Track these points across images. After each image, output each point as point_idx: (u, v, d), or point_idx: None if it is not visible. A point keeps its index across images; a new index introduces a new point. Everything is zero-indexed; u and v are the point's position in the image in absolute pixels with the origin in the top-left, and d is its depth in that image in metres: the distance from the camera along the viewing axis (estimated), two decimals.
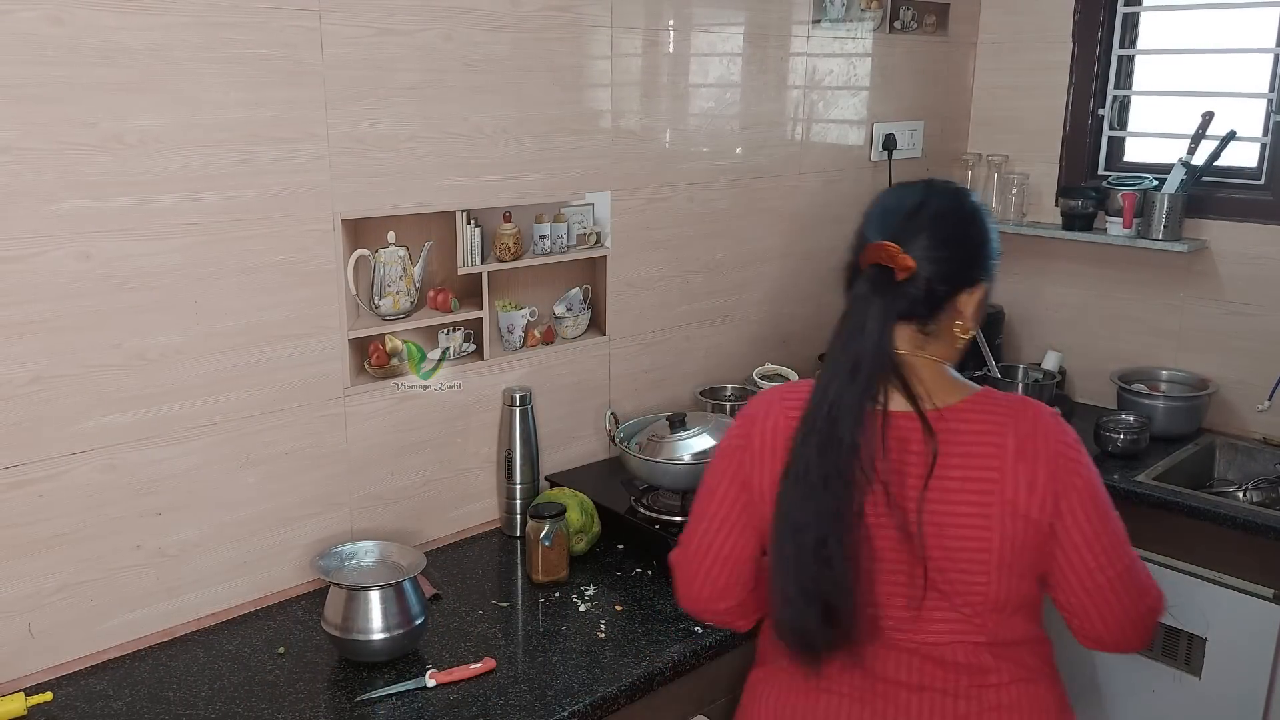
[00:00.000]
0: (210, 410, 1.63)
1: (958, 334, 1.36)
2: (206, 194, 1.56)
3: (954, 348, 1.38)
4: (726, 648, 1.68)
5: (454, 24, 1.80)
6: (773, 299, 2.58)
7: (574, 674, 1.55)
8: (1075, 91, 2.80)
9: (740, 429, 1.41)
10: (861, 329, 1.28)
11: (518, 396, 1.98)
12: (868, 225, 1.35)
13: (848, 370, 1.28)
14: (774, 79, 2.44)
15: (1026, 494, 1.29)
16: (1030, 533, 1.30)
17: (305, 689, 1.51)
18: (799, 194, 2.57)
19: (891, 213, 1.34)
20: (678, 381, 2.38)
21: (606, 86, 2.08)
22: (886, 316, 1.29)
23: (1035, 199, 2.90)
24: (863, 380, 1.28)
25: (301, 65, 1.63)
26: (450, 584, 1.82)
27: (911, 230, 1.31)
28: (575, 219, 2.08)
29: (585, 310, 2.16)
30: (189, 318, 1.59)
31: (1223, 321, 2.60)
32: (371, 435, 1.85)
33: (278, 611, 1.73)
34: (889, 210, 1.35)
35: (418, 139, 1.79)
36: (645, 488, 2.02)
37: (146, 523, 1.60)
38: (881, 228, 1.32)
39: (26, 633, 1.51)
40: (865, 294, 1.29)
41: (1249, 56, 2.59)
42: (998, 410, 1.33)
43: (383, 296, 1.82)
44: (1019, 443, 1.29)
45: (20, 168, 1.39)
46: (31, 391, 1.45)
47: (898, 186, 1.43)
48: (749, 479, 1.38)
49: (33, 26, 1.37)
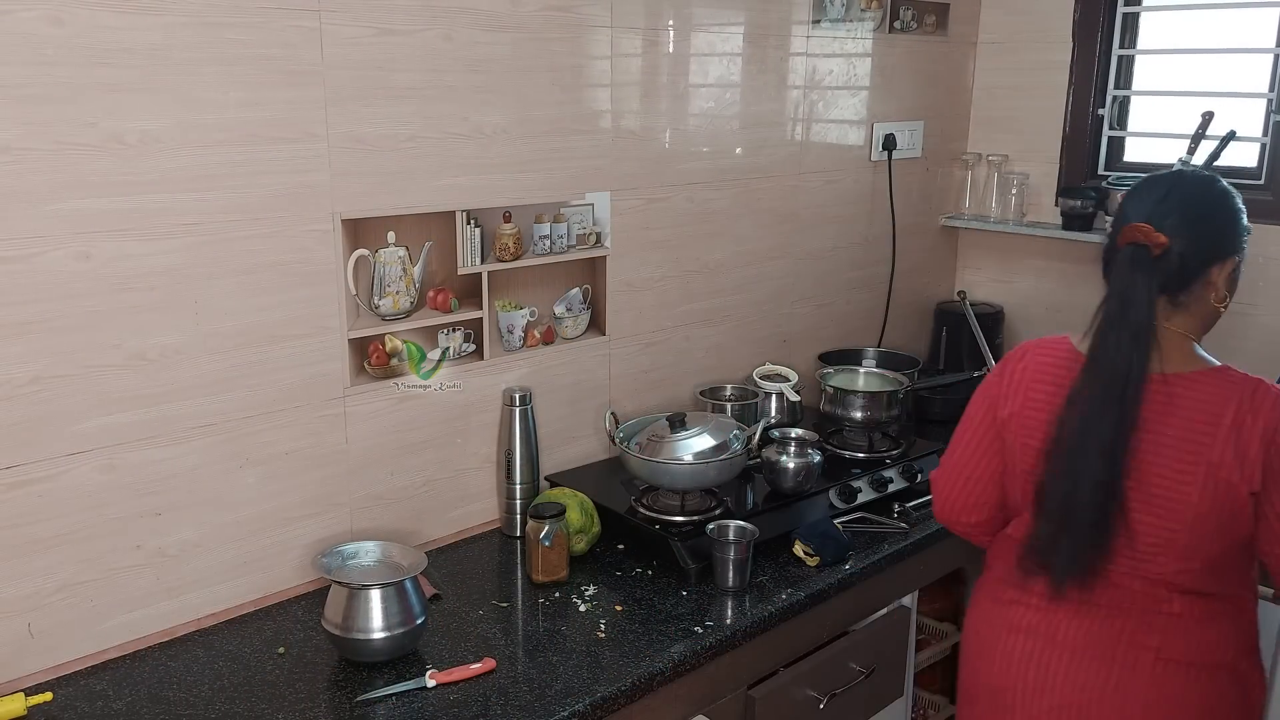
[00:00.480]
0: (210, 410, 1.63)
1: (1215, 305, 1.54)
2: (206, 194, 1.56)
3: (1203, 319, 1.56)
4: (726, 648, 1.68)
5: (454, 24, 1.80)
6: (773, 299, 2.58)
7: (574, 674, 1.55)
8: (1075, 91, 2.80)
9: (998, 368, 1.66)
10: (1132, 301, 1.46)
11: (518, 396, 1.98)
12: (1125, 210, 1.53)
13: (1130, 338, 1.45)
14: (774, 79, 2.44)
15: (1234, 464, 1.43)
16: (1229, 499, 1.44)
17: (305, 689, 1.51)
18: (799, 194, 2.57)
19: (1145, 198, 1.52)
20: (678, 381, 2.38)
21: (606, 86, 2.08)
22: (1150, 288, 1.46)
23: (1035, 199, 2.90)
24: (1144, 347, 1.45)
25: (301, 65, 1.63)
26: (450, 584, 1.82)
27: (1163, 211, 1.48)
28: (575, 219, 2.08)
29: (585, 310, 2.16)
30: (189, 318, 1.59)
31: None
32: (371, 435, 1.85)
33: (278, 611, 1.73)
34: (1142, 196, 1.53)
35: (418, 139, 1.79)
36: (645, 488, 2.02)
37: (146, 523, 1.60)
38: (1137, 211, 1.50)
39: (26, 633, 1.51)
40: (1127, 270, 1.47)
41: (1249, 56, 2.59)
42: (1226, 385, 1.48)
43: (383, 296, 1.82)
44: (1237, 417, 1.44)
45: (20, 167, 1.39)
46: (31, 391, 1.45)
47: (1150, 177, 1.59)
48: (996, 409, 1.61)
49: (33, 26, 1.37)
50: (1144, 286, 1.46)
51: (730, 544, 1.79)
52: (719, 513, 1.94)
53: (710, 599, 1.78)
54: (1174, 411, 1.47)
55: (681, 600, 1.77)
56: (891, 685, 2.05)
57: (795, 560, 1.90)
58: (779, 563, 1.90)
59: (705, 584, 1.82)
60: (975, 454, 1.65)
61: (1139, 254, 1.46)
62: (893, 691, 2.06)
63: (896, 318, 2.92)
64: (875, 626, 2.01)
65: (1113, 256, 1.51)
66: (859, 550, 1.96)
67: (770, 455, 2.04)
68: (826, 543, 1.90)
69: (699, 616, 1.72)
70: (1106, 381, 1.46)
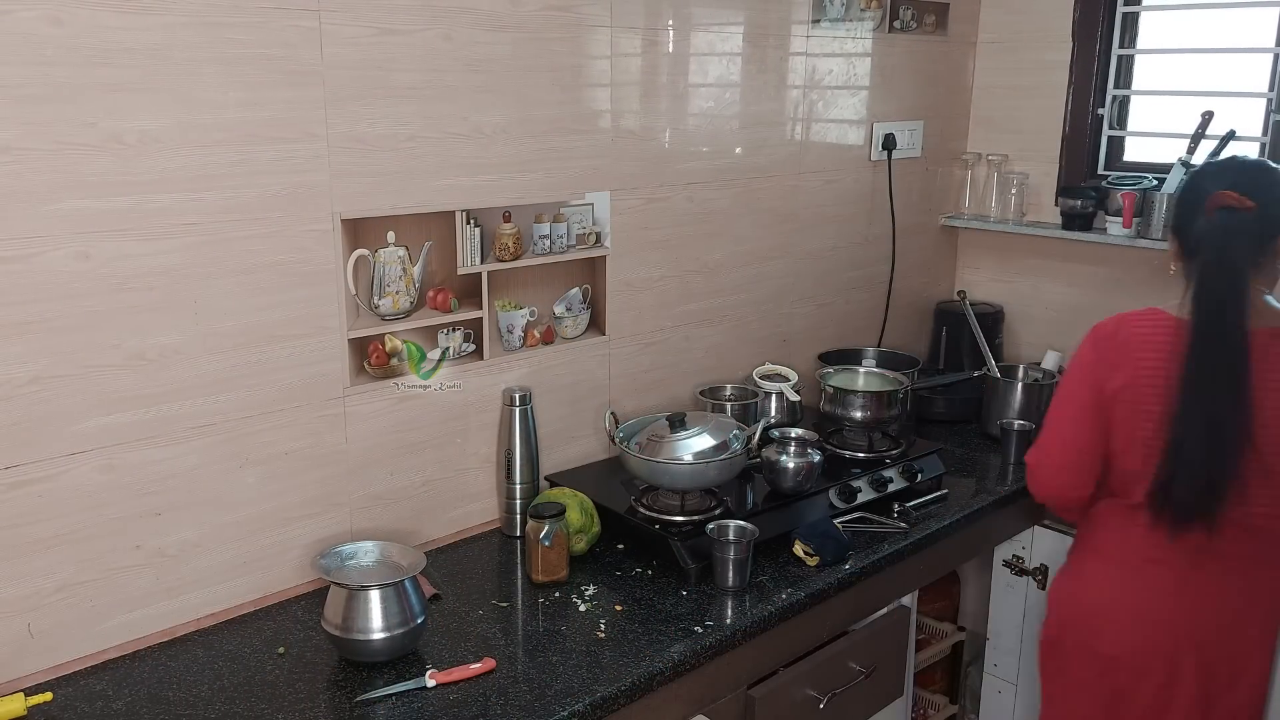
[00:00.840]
0: (210, 410, 1.63)
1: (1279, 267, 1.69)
2: (206, 194, 1.56)
3: (1272, 280, 1.70)
4: (726, 647, 1.68)
5: (454, 24, 1.80)
6: (773, 299, 2.58)
7: (574, 674, 1.55)
8: (1075, 91, 2.80)
9: (1091, 346, 1.74)
10: (1231, 259, 1.61)
11: (517, 396, 1.98)
12: (1203, 184, 1.67)
13: (1234, 294, 1.60)
14: (774, 79, 2.44)
15: None
16: None
17: (305, 689, 1.51)
18: (799, 194, 2.57)
19: (1222, 172, 1.69)
20: (677, 381, 2.38)
21: (606, 86, 2.08)
22: (1246, 246, 1.62)
23: (1035, 199, 2.90)
24: (1245, 301, 1.61)
25: (301, 65, 1.63)
26: (450, 584, 1.82)
27: (1243, 182, 1.64)
28: (575, 219, 2.08)
29: (585, 310, 2.16)
30: (188, 318, 1.59)
31: None
32: (371, 435, 1.85)
33: (277, 611, 1.73)
34: (1218, 172, 1.70)
35: (417, 139, 1.79)
36: (645, 487, 2.02)
37: (146, 523, 1.60)
38: (1217, 183, 1.65)
39: (26, 633, 1.51)
40: (1221, 232, 1.61)
41: (1249, 56, 2.59)
42: None
43: (382, 296, 1.82)
44: None
45: (20, 167, 1.39)
46: (30, 391, 1.45)
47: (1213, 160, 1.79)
48: (1102, 385, 1.69)
49: (32, 26, 1.37)
50: (1241, 245, 1.62)
51: (730, 544, 1.79)
52: (719, 512, 1.94)
53: (710, 599, 1.78)
54: (1272, 362, 1.63)
55: (681, 600, 1.77)
56: (891, 685, 2.05)
57: (795, 560, 1.90)
58: (779, 562, 1.90)
59: (705, 584, 1.82)
60: (1081, 430, 1.74)
61: (1232, 217, 1.61)
62: (893, 691, 2.06)
63: (896, 317, 2.92)
64: (875, 626, 2.01)
65: (1195, 226, 1.66)
66: (859, 550, 1.95)
67: (770, 455, 2.04)
68: (826, 542, 1.90)
69: (699, 616, 1.72)
70: (1217, 336, 1.60)
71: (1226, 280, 1.63)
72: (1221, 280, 1.63)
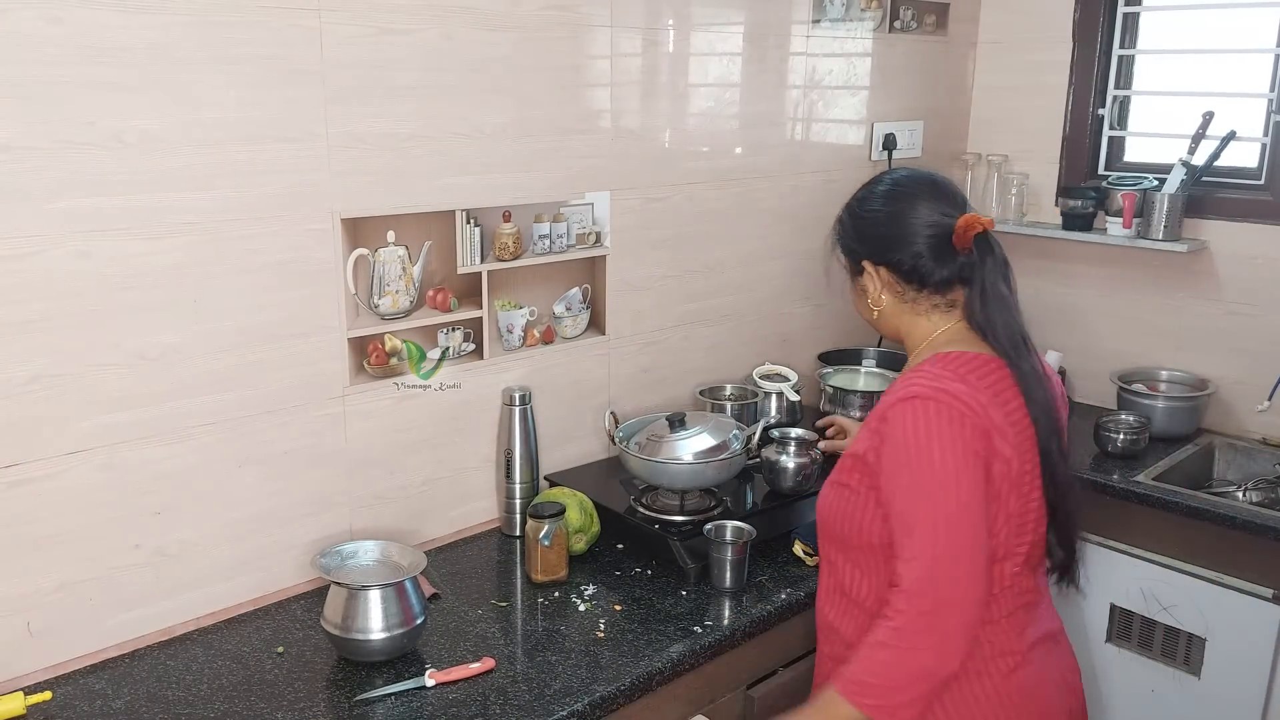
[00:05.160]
0: (209, 409, 1.63)
1: None
2: (206, 193, 1.56)
3: None
4: (726, 647, 1.68)
5: (454, 24, 1.80)
6: (773, 299, 2.58)
7: (573, 674, 1.55)
8: (1075, 91, 2.80)
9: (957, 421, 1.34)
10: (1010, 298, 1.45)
11: (517, 396, 1.98)
12: (944, 205, 1.45)
13: (1025, 341, 1.44)
14: (773, 79, 2.44)
15: None
16: None
17: (304, 688, 1.51)
18: (798, 194, 2.57)
19: (950, 191, 1.48)
20: (677, 381, 2.38)
21: (606, 86, 2.08)
22: None
23: (1035, 199, 2.90)
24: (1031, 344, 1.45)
25: (301, 64, 1.63)
26: (449, 584, 1.82)
27: (963, 200, 1.47)
28: (575, 218, 2.08)
29: (584, 310, 2.15)
30: (188, 317, 1.58)
31: (1222, 321, 2.60)
32: (371, 435, 1.85)
33: (276, 611, 1.73)
34: (947, 189, 1.48)
35: (417, 138, 1.79)
36: (645, 487, 2.02)
37: (145, 522, 1.60)
38: (955, 204, 1.45)
39: (25, 632, 1.51)
40: (995, 261, 1.44)
41: (1249, 56, 2.59)
42: None
43: (382, 296, 1.82)
44: None
45: (19, 166, 1.39)
46: (30, 390, 1.45)
47: (911, 172, 1.54)
48: (994, 454, 1.36)
49: (32, 25, 1.37)
50: (1006, 263, 1.47)
51: (727, 544, 1.78)
52: (718, 512, 1.94)
53: (709, 598, 1.78)
54: None
55: (681, 600, 1.77)
56: None
57: (794, 560, 1.90)
58: (778, 562, 1.90)
59: (704, 584, 1.82)
60: (981, 523, 1.35)
61: (988, 243, 1.45)
62: None
63: None
64: None
65: (955, 256, 1.44)
66: None
67: (770, 455, 2.04)
68: None
69: (698, 616, 1.72)
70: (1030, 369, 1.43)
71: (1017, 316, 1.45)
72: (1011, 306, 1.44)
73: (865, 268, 1.50)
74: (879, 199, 1.50)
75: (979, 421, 1.35)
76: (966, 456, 1.33)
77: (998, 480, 1.37)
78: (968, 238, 1.42)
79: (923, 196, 1.46)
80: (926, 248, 1.44)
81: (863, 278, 1.52)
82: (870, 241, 1.49)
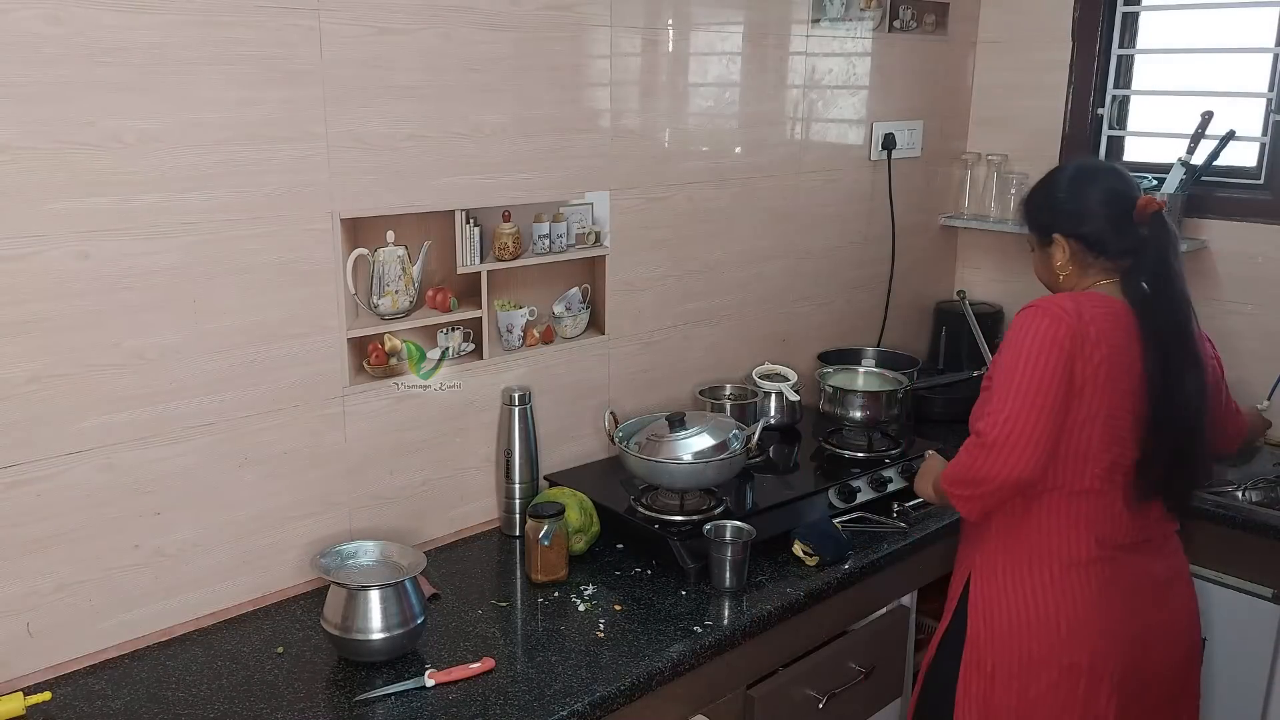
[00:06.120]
0: (209, 409, 1.63)
1: None
2: (205, 193, 1.56)
3: None
4: (726, 647, 1.68)
5: (454, 23, 1.80)
6: (773, 299, 2.58)
7: (573, 674, 1.55)
8: (1075, 91, 2.80)
9: (1054, 325, 1.65)
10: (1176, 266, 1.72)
11: (517, 396, 1.98)
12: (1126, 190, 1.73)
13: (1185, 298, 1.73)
14: (773, 78, 2.44)
15: None
16: None
17: (304, 689, 1.51)
18: (798, 193, 2.57)
19: (1127, 175, 1.77)
20: (677, 381, 2.38)
21: (606, 86, 2.08)
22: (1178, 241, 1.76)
23: None
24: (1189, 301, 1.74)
25: (300, 64, 1.63)
26: (449, 584, 1.82)
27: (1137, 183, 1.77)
28: (574, 218, 2.08)
29: (584, 310, 2.15)
30: (188, 317, 1.58)
31: (1222, 321, 2.60)
32: (370, 435, 1.85)
33: (276, 611, 1.73)
34: (1124, 173, 1.78)
35: (417, 138, 1.79)
36: (644, 487, 2.02)
37: (145, 522, 1.60)
38: (1132, 186, 1.74)
39: (25, 632, 1.51)
40: (1164, 228, 1.71)
41: (1248, 56, 2.59)
42: None
43: (382, 296, 1.82)
44: None
45: (19, 167, 1.39)
46: (30, 391, 1.45)
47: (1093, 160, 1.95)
48: (1076, 362, 1.64)
49: (31, 26, 1.37)
50: (1176, 239, 1.74)
51: (727, 544, 1.78)
52: (718, 512, 1.94)
53: (709, 598, 1.78)
54: None
55: (681, 600, 1.77)
56: (890, 685, 2.05)
57: (794, 560, 1.90)
58: (778, 562, 1.90)
59: (704, 583, 1.82)
60: (1049, 409, 1.63)
61: (1161, 216, 1.72)
62: (892, 691, 2.06)
63: (896, 317, 2.92)
64: (874, 626, 2.01)
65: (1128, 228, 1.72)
66: (858, 550, 1.95)
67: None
68: (826, 542, 1.90)
69: (698, 616, 1.72)
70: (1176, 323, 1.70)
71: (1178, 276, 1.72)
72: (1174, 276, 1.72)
73: (1055, 239, 1.77)
74: (1068, 182, 1.78)
75: (1073, 325, 1.63)
76: (1051, 346, 1.63)
77: (1079, 378, 1.63)
78: (1146, 214, 1.70)
79: (1105, 179, 1.77)
80: (1109, 222, 1.73)
81: (1051, 247, 1.78)
82: (1064, 217, 1.76)
